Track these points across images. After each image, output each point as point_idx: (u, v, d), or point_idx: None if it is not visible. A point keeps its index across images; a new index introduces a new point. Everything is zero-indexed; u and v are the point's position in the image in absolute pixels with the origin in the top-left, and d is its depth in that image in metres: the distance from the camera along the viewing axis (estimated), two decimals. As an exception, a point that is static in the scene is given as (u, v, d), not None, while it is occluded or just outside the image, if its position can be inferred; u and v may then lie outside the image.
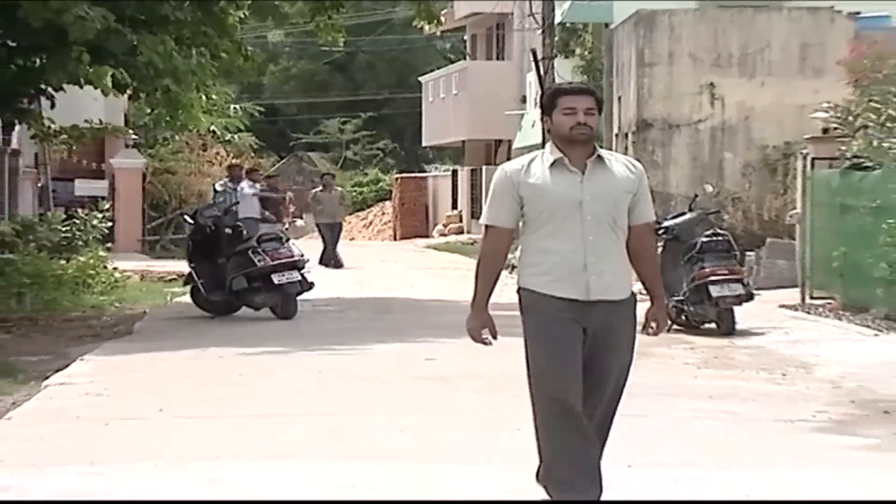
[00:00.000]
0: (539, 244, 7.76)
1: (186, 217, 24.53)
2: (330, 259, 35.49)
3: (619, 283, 7.78)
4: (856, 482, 9.82)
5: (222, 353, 17.13)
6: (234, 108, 43.86)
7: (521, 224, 7.89)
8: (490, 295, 7.89)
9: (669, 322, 19.91)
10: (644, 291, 8.12)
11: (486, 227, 7.94)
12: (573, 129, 7.71)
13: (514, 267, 8.00)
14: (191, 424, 12.10)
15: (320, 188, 37.92)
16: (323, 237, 36.53)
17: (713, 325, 19.39)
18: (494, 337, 7.94)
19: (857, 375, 15.23)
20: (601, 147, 7.90)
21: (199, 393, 13.98)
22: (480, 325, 7.89)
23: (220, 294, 21.84)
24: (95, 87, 23.02)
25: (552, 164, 7.73)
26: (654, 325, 8.03)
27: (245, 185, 30.84)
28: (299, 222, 37.03)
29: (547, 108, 7.85)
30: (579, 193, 7.68)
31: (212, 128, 40.75)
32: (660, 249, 20.97)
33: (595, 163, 7.76)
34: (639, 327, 8.05)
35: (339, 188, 40.41)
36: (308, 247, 27.00)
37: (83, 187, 39.68)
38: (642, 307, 8.02)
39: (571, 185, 7.70)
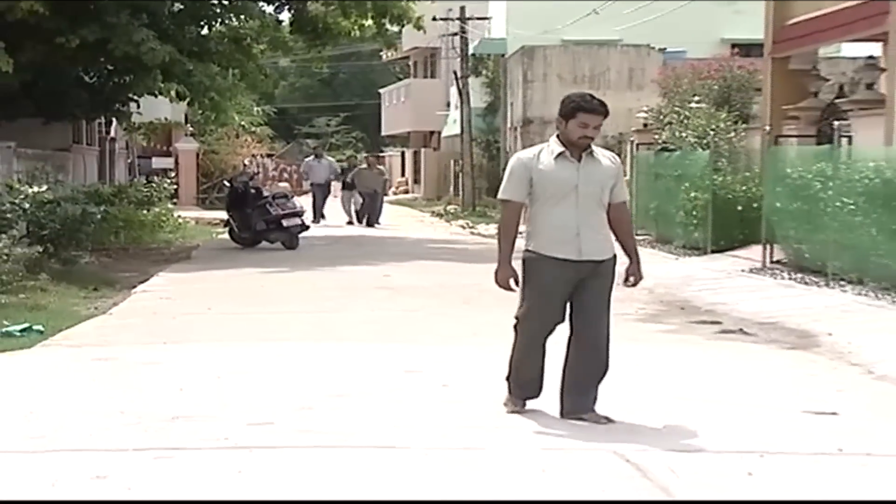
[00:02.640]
0: (544, 216, 6.91)
1: (226, 182, 24.48)
2: (373, 220, 30.17)
3: (602, 247, 7.01)
4: (661, 351, 9.97)
5: (250, 271, 17.14)
6: (257, 109, 43.48)
7: (527, 201, 7.01)
8: (511, 252, 7.00)
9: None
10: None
11: (505, 201, 7.03)
12: (580, 138, 6.85)
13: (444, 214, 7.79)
14: (229, 318, 12.10)
15: (364, 166, 31.69)
16: (363, 202, 30.72)
17: (572, 253, 19.55)
18: (517, 284, 6.99)
19: (664, 285, 15.36)
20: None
21: (235, 297, 13.96)
22: (508, 276, 6.97)
23: (247, 233, 21.85)
24: (165, 97, 23.03)
25: (557, 156, 6.90)
26: (632, 278, 7.32)
27: (311, 160, 32.64)
28: (282, 184, 33.38)
29: (566, 114, 6.91)
30: (576, 178, 6.86)
31: (241, 123, 40.52)
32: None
33: (588, 156, 6.92)
34: (619, 279, 7.34)
35: (381, 167, 33.99)
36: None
37: (158, 162, 39.32)
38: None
39: (570, 172, 6.87)
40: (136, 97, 23.72)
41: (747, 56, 25.62)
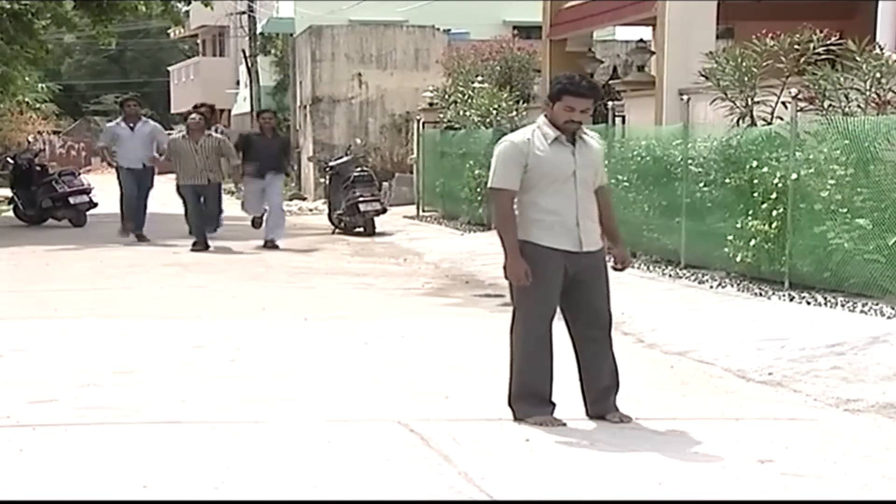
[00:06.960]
0: (541, 205, 6.26)
1: (9, 159, 23.58)
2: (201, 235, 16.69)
3: (596, 237, 6.40)
4: (445, 324, 10.07)
5: (35, 249, 16.57)
6: (41, 86, 41.95)
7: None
8: (518, 243, 6.25)
9: (336, 228, 20.14)
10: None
11: (499, 190, 6.35)
12: (566, 122, 6.25)
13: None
14: (12, 296, 11.69)
15: (181, 134, 17.43)
16: (185, 201, 17.26)
17: (362, 229, 19.59)
18: (528, 276, 6.18)
19: (449, 259, 15.57)
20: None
21: (18, 275, 13.51)
22: (523, 268, 6.15)
23: (33, 210, 21.17)
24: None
25: (552, 141, 6.29)
26: (621, 263, 6.62)
27: (117, 126, 18.34)
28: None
29: (552, 96, 6.34)
30: (573, 164, 6.27)
31: (25, 99, 39.10)
32: (327, 181, 21.13)
33: (580, 139, 6.34)
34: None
35: (220, 136, 17.56)
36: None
37: (-65, 139, 37.86)
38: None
39: (567, 158, 6.27)
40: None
41: (528, 38, 26.07)
